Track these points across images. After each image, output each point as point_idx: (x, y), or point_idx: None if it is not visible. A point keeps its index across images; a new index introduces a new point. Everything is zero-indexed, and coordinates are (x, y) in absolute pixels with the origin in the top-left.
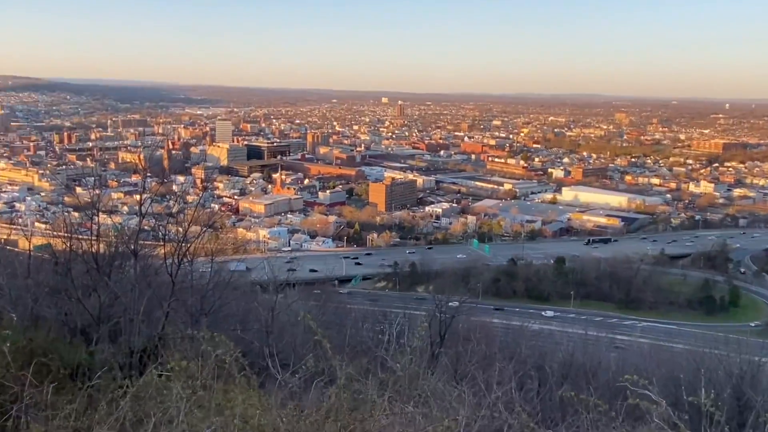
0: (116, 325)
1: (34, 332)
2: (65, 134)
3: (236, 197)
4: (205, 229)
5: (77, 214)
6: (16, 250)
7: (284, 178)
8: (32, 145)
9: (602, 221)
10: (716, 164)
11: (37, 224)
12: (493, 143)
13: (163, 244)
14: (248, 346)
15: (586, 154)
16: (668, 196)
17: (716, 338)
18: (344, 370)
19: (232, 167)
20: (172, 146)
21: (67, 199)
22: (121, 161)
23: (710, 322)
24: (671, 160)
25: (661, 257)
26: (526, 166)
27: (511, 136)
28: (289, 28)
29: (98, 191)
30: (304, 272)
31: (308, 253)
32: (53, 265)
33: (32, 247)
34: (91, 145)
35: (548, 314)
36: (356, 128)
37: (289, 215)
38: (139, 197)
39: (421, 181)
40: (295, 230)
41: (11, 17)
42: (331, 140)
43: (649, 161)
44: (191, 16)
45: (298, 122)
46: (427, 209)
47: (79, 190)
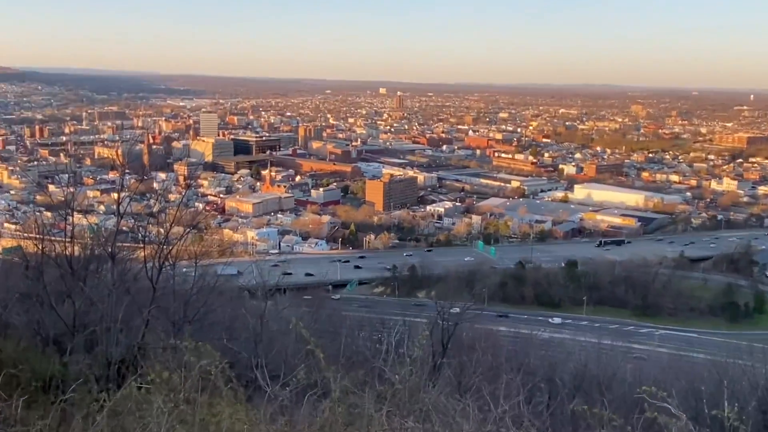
0: (92, 333)
1: (2, 342)
2: (37, 128)
3: (222, 196)
4: (188, 230)
5: (50, 214)
6: None
7: (274, 174)
8: (1, 139)
9: (617, 221)
10: (740, 160)
11: (6, 225)
12: (499, 137)
13: (142, 246)
14: (235, 356)
15: (599, 149)
16: (688, 194)
17: (740, 347)
18: (339, 382)
19: (217, 163)
20: (152, 140)
21: (38, 197)
22: (97, 157)
23: (733, 330)
24: (692, 155)
25: (680, 260)
26: (535, 161)
27: (518, 129)
28: (279, 13)
29: (73, 189)
30: (299, 276)
31: (300, 255)
32: (24, 269)
33: (1, 249)
34: (64, 139)
35: (556, 321)
36: (352, 121)
37: (279, 215)
38: (116, 196)
39: (421, 178)
40: (285, 231)
41: None
42: (324, 134)
43: (667, 157)
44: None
45: (289, 115)
46: (428, 208)
47: (51, 188)
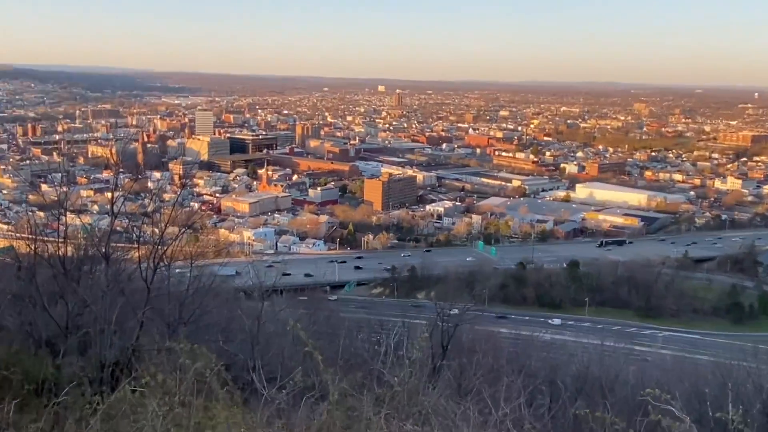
0: (86, 335)
1: None
2: (29, 126)
3: (218, 195)
4: (183, 230)
5: (42, 213)
6: None
7: (271, 174)
8: None
9: (620, 221)
10: (744, 159)
11: None
12: (500, 136)
13: (137, 246)
14: (231, 358)
15: (601, 147)
16: (692, 193)
17: (744, 349)
18: (337, 384)
19: (213, 162)
20: (147, 139)
21: (31, 197)
22: (90, 155)
23: (738, 331)
24: (695, 154)
25: (684, 260)
26: (536, 160)
27: (519, 128)
28: (276, 9)
29: (66, 189)
30: (298, 277)
31: (297, 256)
32: (16, 270)
33: None
34: (57, 137)
35: (555, 322)
36: (350, 119)
37: (276, 215)
38: (110, 195)
39: (421, 177)
40: (282, 231)
41: None
42: (322, 132)
43: (671, 155)
44: None
45: (286, 113)
46: (427, 208)
47: (44, 187)
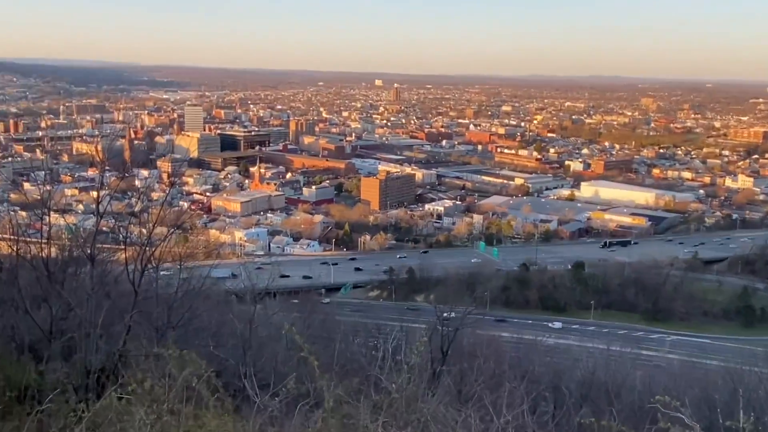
0: (70, 340)
1: None
2: (11, 122)
3: (208, 194)
4: (172, 230)
5: (25, 213)
6: None
7: (263, 171)
8: None
9: (626, 221)
10: (756, 156)
11: None
12: (502, 132)
13: (124, 247)
14: (222, 364)
15: (607, 144)
16: (701, 191)
17: (756, 354)
18: (332, 391)
19: (203, 159)
20: (134, 135)
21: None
22: (75, 153)
23: (749, 335)
24: (705, 151)
25: (693, 262)
26: (539, 158)
27: (522, 123)
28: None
29: (49, 187)
30: (296, 279)
31: (291, 257)
32: None
33: None
34: (41, 134)
35: (556, 326)
36: (346, 115)
37: (268, 215)
38: (96, 194)
39: (420, 175)
40: (275, 232)
41: None
42: (317, 128)
43: (679, 152)
44: None
45: (279, 108)
46: (427, 207)
47: (27, 185)
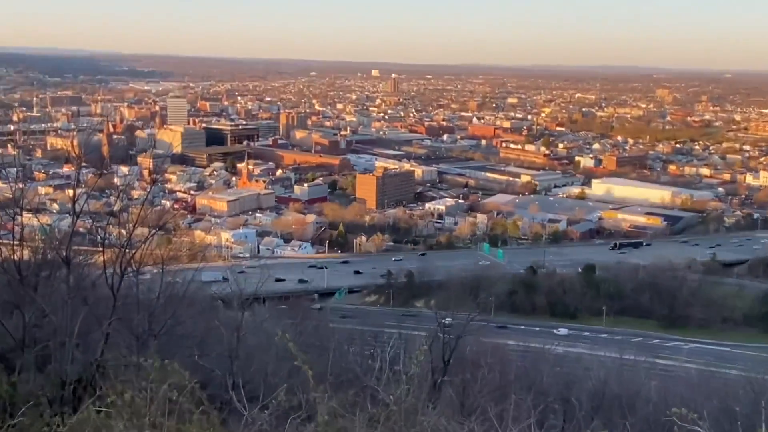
0: (44, 349)
1: None
2: None
3: (192, 192)
4: (154, 231)
5: None
6: None
7: (252, 168)
8: None
9: (641, 220)
10: None
11: None
12: (507, 126)
13: (102, 250)
14: (208, 374)
15: (620, 138)
16: (720, 189)
17: None
18: (326, 403)
19: (187, 155)
20: (113, 129)
21: None
22: (49, 148)
23: None
24: (724, 145)
25: (711, 264)
26: (547, 153)
27: (529, 117)
28: None
29: (22, 185)
30: (292, 283)
31: (281, 260)
32: None
33: None
34: (12, 128)
35: (561, 332)
36: (340, 107)
37: (257, 214)
38: (72, 192)
39: (419, 171)
40: (265, 232)
41: None
42: (309, 122)
43: (697, 147)
44: None
45: (268, 100)
46: (427, 206)
47: None
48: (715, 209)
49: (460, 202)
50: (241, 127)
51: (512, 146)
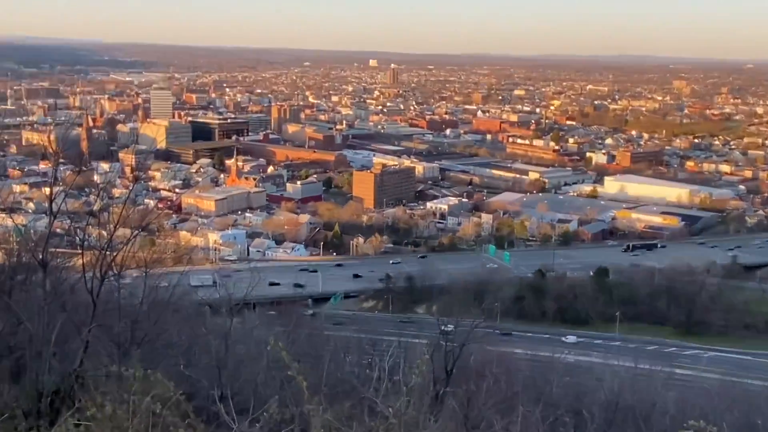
0: (20, 359)
1: None
2: None
3: (178, 190)
4: (136, 232)
5: None
6: None
7: (241, 165)
8: None
9: (657, 220)
10: None
11: None
12: (514, 119)
13: (81, 252)
14: (194, 385)
15: (635, 133)
16: (742, 187)
17: None
18: (320, 416)
19: (172, 151)
20: (92, 123)
21: None
22: (25, 143)
23: None
24: (746, 140)
25: (732, 267)
26: (557, 149)
27: (537, 110)
28: None
29: None
30: (286, 288)
31: (273, 263)
32: None
33: None
34: None
35: (570, 340)
36: (336, 100)
37: (247, 214)
38: (49, 191)
39: (420, 168)
40: (255, 233)
41: None
42: (302, 115)
43: (717, 142)
44: None
45: (259, 92)
46: (428, 206)
47: None
48: (735, 208)
49: (463, 201)
50: (229, 120)
51: (519, 141)
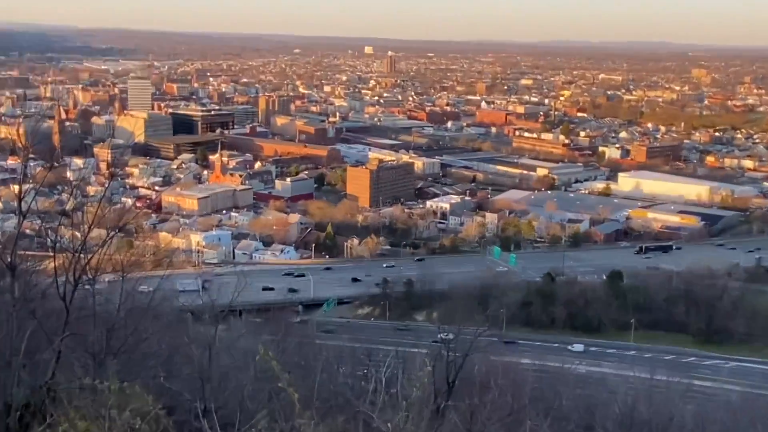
0: None
1: None
2: None
3: (158, 188)
4: (113, 233)
5: None
6: None
7: (226, 160)
8: None
9: (674, 220)
10: None
11: None
12: (521, 111)
13: (53, 254)
14: (175, 398)
15: (651, 126)
16: (766, 184)
17: None
18: (312, 431)
19: (151, 145)
20: (65, 116)
21: None
22: None
23: None
24: None
25: (756, 271)
26: (567, 143)
27: (546, 101)
28: None
29: None
30: (281, 293)
31: (263, 266)
32: None
33: None
34: None
35: (577, 348)
36: (328, 90)
37: (233, 213)
38: (17, 189)
39: (420, 164)
40: (241, 235)
41: None
42: (292, 107)
43: (739, 136)
44: None
45: (245, 81)
46: (428, 204)
47: None
48: (759, 207)
49: (466, 199)
50: (213, 112)
51: (526, 135)
